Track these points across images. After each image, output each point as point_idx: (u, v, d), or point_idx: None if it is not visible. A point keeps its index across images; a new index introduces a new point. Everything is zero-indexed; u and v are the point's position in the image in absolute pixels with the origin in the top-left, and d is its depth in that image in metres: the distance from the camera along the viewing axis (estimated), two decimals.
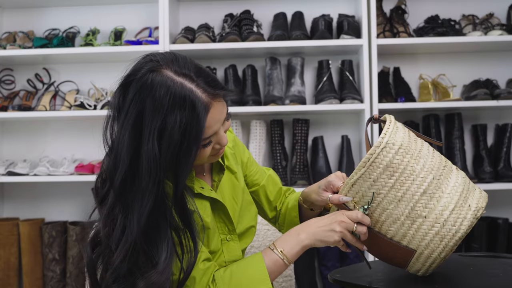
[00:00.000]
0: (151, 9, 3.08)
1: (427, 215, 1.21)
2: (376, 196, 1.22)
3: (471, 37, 2.81)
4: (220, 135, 1.20)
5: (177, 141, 1.09)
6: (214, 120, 1.15)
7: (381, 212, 1.23)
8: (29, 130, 3.15)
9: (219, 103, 1.16)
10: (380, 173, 1.20)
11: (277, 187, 1.52)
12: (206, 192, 1.29)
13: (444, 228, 1.20)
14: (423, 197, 1.21)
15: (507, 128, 2.87)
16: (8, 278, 2.95)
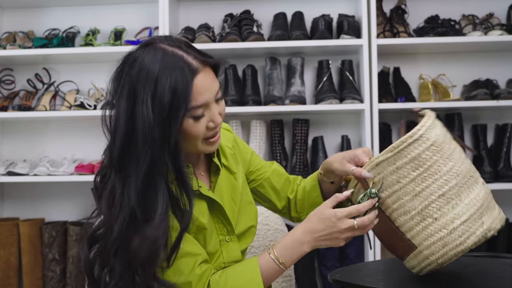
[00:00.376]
0: (151, 9, 3.08)
1: (438, 218, 1.20)
2: (395, 183, 1.21)
3: (471, 37, 2.81)
4: (212, 111, 1.20)
5: (167, 102, 1.13)
6: (203, 86, 1.17)
7: (395, 200, 1.22)
8: (29, 130, 3.15)
9: (209, 72, 1.20)
10: (405, 162, 1.19)
11: (283, 176, 1.51)
12: (204, 191, 1.28)
13: (450, 235, 1.19)
14: (440, 199, 1.19)
15: (507, 128, 2.87)
16: (8, 278, 2.95)
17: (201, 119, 1.19)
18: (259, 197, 1.52)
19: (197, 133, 1.19)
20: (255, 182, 1.49)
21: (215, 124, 1.21)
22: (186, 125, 1.18)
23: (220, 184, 1.34)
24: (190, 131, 1.19)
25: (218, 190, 1.33)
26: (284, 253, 1.23)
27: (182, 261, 1.19)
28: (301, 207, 1.50)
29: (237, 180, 1.39)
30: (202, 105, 1.18)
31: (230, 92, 2.90)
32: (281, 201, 1.50)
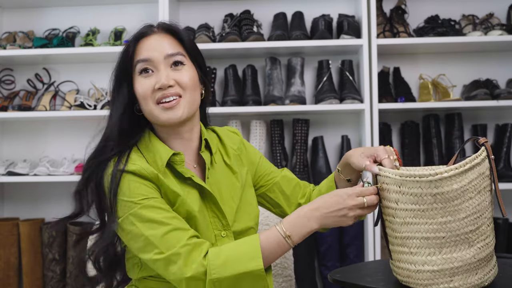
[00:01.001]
0: (151, 9, 3.08)
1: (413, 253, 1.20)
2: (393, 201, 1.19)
3: (471, 37, 2.81)
4: (161, 72, 1.29)
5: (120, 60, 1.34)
6: (151, 44, 1.31)
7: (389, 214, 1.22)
8: (29, 130, 3.15)
9: (166, 37, 1.33)
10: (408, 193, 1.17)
11: (293, 181, 1.51)
12: (196, 179, 1.30)
13: (415, 273, 1.20)
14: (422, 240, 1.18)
15: (507, 128, 2.87)
16: (8, 278, 2.95)
17: (148, 76, 1.30)
18: (268, 202, 1.51)
19: (144, 90, 1.29)
20: (265, 187, 1.49)
21: (160, 84, 1.27)
22: (135, 81, 1.31)
23: (217, 180, 1.35)
24: (137, 88, 1.30)
25: (215, 184, 1.34)
26: (291, 227, 1.21)
27: (172, 234, 1.19)
28: None
29: (239, 180, 1.39)
30: (145, 60, 1.30)
31: (230, 92, 2.90)
32: (290, 206, 1.49)
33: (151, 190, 1.24)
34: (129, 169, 1.23)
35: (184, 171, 1.29)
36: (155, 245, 1.19)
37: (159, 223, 1.20)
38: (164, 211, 1.22)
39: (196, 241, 1.21)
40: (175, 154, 1.29)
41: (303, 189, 1.52)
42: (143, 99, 1.30)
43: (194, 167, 1.35)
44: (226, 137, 1.45)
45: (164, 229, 1.19)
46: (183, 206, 1.26)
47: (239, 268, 1.17)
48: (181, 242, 1.19)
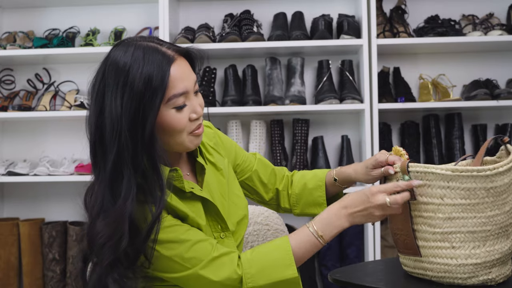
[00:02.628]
0: (151, 9, 3.08)
1: (456, 248, 1.21)
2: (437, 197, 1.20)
3: (471, 37, 2.81)
4: (193, 101, 1.21)
5: (140, 91, 1.11)
6: (183, 72, 1.18)
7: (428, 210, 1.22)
8: (29, 130, 3.15)
9: (185, 62, 1.21)
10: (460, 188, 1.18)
11: (269, 169, 1.52)
12: (197, 191, 1.27)
13: (456, 268, 1.21)
14: (468, 234, 1.20)
15: (507, 128, 2.87)
16: (8, 278, 2.95)
17: (183, 109, 1.18)
18: (246, 189, 1.52)
19: (181, 124, 1.18)
20: (242, 176, 1.50)
21: (197, 115, 1.22)
22: (168, 117, 1.17)
23: (208, 182, 1.34)
24: (173, 124, 1.18)
25: (208, 188, 1.33)
26: (323, 227, 1.22)
27: (195, 248, 1.18)
28: (296, 202, 1.51)
29: (224, 176, 1.38)
30: (183, 93, 1.18)
31: (230, 92, 2.90)
32: (268, 193, 1.52)
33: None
34: None
35: (184, 186, 1.25)
36: (180, 264, 1.18)
37: (177, 242, 1.18)
38: (178, 227, 1.20)
39: (223, 251, 1.20)
40: (172, 170, 1.24)
41: (279, 174, 1.53)
42: (177, 133, 1.19)
43: (188, 175, 1.34)
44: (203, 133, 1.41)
45: (185, 246, 1.18)
46: (192, 223, 1.24)
47: (274, 276, 1.19)
48: (207, 255, 1.18)
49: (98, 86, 1.16)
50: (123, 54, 1.15)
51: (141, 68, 1.13)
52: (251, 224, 1.77)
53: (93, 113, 1.16)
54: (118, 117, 1.12)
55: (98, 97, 1.16)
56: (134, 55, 1.14)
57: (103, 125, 1.14)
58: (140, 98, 1.12)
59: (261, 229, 1.76)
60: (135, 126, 1.12)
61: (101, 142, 1.15)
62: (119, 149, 1.12)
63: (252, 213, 1.78)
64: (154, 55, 1.15)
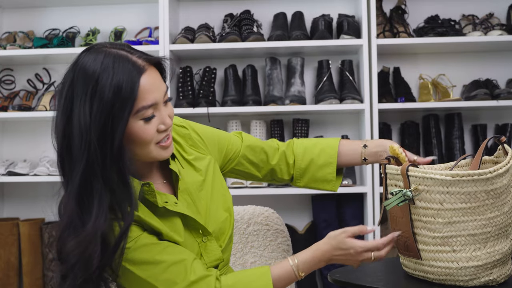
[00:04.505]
0: (151, 9, 3.08)
1: (457, 251, 1.20)
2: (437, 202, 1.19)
3: (471, 37, 2.81)
4: (162, 113, 1.17)
5: (109, 101, 1.08)
6: (153, 84, 1.14)
7: (427, 215, 1.21)
8: (29, 130, 3.15)
9: (156, 72, 1.17)
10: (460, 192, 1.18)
11: (257, 148, 1.49)
12: (171, 206, 1.23)
13: (458, 271, 1.21)
14: (468, 237, 1.20)
15: (507, 128, 2.87)
16: (8, 278, 2.95)
17: (151, 120, 1.15)
18: (239, 174, 1.51)
19: (148, 136, 1.15)
20: (232, 162, 1.47)
21: (166, 126, 1.18)
22: (136, 128, 1.13)
23: (187, 186, 1.30)
24: (140, 135, 1.14)
25: (186, 193, 1.29)
26: (305, 268, 1.26)
27: (170, 270, 1.17)
28: (301, 176, 1.51)
29: (205, 176, 1.34)
30: (152, 105, 1.14)
31: (230, 92, 2.90)
32: (260, 171, 1.50)
33: (135, 228, 1.18)
34: None
35: (157, 201, 1.21)
36: (155, 286, 1.16)
37: (152, 263, 1.16)
38: (154, 246, 1.18)
39: (200, 274, 1.19)
40: (144, 184, 1.21)
41: (269, 150, 1.50)
42: (144, 144, 1.15)
43: (164, 183, 1.30)
44: (175, 132, 1.36)
45: (160, 268, 1.16)
46: (170, 238, 1.22)
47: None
48: (183, 279, 1.17)
49: (66, 93, 1.12)
50: (93, 61, 1.11)
51: (111, 77, 1.09)
52: (251, 224, 1.77)
53: (60, 121, 1.12)
54: (87, 127, 1.08)
55: (66, 104, 1.11)
56: (104, 63, 1.10)
57: (71, 134, 1.10)
58: (109, 109, 1.08)
59: (261, 229, 1.76)
60: (104, 137, 1.09)
61: (68, 152, 1.11)
62: (88, 161, 1.08)
63: (252, 213, 1.78)
64: (124, 64, 1.11)
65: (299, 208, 3.03)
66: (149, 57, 1.17)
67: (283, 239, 1.79)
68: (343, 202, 2.86)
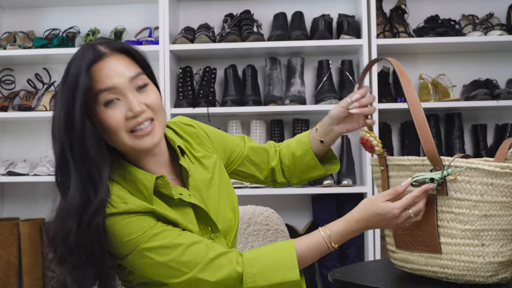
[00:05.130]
0: (151, 9, 3.08)
1: (485, 245, 1.18)
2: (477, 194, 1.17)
3: (471, 37, 2.81)
4: (129, 99, 1.17)
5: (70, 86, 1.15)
6: (108, 69, 1.17)
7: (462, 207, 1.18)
8: (29, 130, 3.15)
9: (123, 59, 1.20)
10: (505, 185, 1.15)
11: (260, 149, 1.52)
12: (186, 197, 1.26)
13: (482, 265, 1.19)
14: (499, 231, 1.18)
15: (507, 128, 2.87)
16: (8, 278, 2.95)
17: (115, 106, 1.17)
18: (241, 175, 1.52)
19: (113, 122, 1.17)
20: (235, 163, 1.49)
21: (133, 113, 1.17)
22: (101, 114, 1.17)
23: (197, 183, 1.32)
24: (105, 120, 1.17)
25: (196, 190, 1.31)
26: (338, 238, 1.22)
27: (190, 251, 1.18)
28: (291, 173, 1.52)
29: (213, 173, 1.36)
30: (111, 89, 1.16)
31: (230, 92, 2.90)
32: (262, 172, 1.51)
33: (149, 219, 1.19)
34: (123, 209, 1.17)
35: (173, 193, 1.24)
36: (177, 269, 1.17)
37: (171, 247, 1.18)
38: (169, 232, 1.19)
39: (219, 251, 1.19)
40: (158, 178, 1.23)
41: (270, 151, 1.53)
42: (114, 132, 1.17)
43: (174, 180, 1.32)
44: (183, 131, 1.39)
45: (179, 250, 1.18)
46: (186, 228, 1.24)
47: (276, 278, 1.18)
48: (203, 257, 1.18)
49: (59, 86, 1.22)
50: (71, 57, 1.20)
51: (74, 64, 1.17)
52: (251, 224, 1.77)
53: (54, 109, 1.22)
54: (59, 110, 1.17)
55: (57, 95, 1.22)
56: (75, 55, 1.19)
57: (53, 118, 1.19)
58: (70, 92, 1.15)
59: (261, 229, 1.76)
60: (69, 119, 1.15)
61: (52, 133, 1.20)
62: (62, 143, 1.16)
63: (252, 213, 1.78)
64: (86, 52, 1.17)
65: (299, 208, 3.03)
66: (116, 45, 1.21)
67: (283, 239, 1.79)
68: (343, 202, 2.86)
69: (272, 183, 1.55)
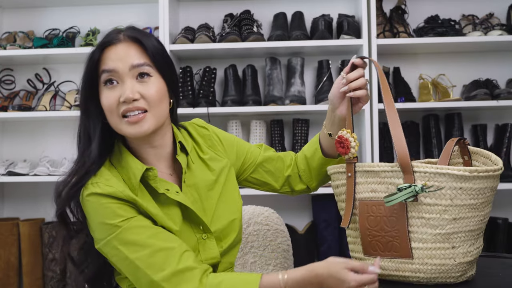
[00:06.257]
0: (151, 9, 3.09)
1: (456, 247, 1.20)
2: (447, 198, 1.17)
3: (471, 37, 2.81)
4: (126, 85, 1.23)
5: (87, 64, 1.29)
6: (115, 53, 1.25)
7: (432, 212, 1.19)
8: (29, 130, 3.15)
9: (132, 46, 1.26)
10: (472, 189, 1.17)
11: (274, 156, 1.51)
12: (171, 194, 1.26)
13: (453, 267, 1.20)
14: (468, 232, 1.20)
15: (507, 128, 2.87)
16: (8, 278, 2.95)
17: (113, 88, 1.24)
18: (255, 183, 1.51)
19: (107, 102, 1.24)
20: (249, 170, 1.49)
21: (123, 99, 1.22)
22: (102, 93, 1.26)
23: (195, 181, 1.33)
24: (103, 100, 1.25)
25: (193, 188, 1.32)
26: (293, 285, 1.18)
27: (158, 255, 1.17)
28: (308, 176, 1.49)
29: (216, 175, 1.37)
30: (110, 71, 1.24)
31: (230, 92, 2.90)
32: (277, 181, 1.50)
33: (130, 209, 1.21)
34: (106, 191, 1.19)
35: (158, 186, 1.25)
36: (141, 269, 1.17)
37: (142, 245, 1.18)
38: (146, 229, 1.20)
39: (187, 265, 1.18)
40: (148, 169, 1.25)
41: (286, 160, 1.52)
42: (108, 112, 1.25)
43: (170, 175, 1.33)
44: (196, 132, 1.42)
45: (148, 251, 1.17)
46: (164, 224, 1.24)
47: None
48: (169, 265, 1.17)
49: None
50: None
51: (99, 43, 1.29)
52: (251, 224, 1.77)
53: None
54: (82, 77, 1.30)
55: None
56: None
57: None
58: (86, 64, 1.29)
59: (261, 229, 1.76)
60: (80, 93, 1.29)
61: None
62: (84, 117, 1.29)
63: (252, 213, 1.78)
64: (109, 35, 1.28)
65: (299, 208, 3.03)
66: (130, 33, 1.28)
67: (283, 239, 1.79)
68: None
69: (290, 192, 1.53)
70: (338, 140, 1.31)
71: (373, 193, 1.26)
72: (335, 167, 1.34)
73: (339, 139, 1.30)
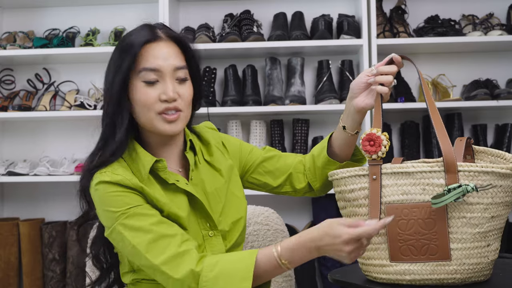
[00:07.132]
0: (151, 9, 3.08)
1: (490, 245, 1.21)
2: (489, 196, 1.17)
3: (471, 37, 2.81)
4: (167, 84, 1.25)
5: (119, 54, 1.26)
6: (160, 51, 1.25)
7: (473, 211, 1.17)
8: (29, 130, 3.15)
9: (173, 47, 1.28)
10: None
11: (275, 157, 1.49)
12: (181, 184, 1.29)
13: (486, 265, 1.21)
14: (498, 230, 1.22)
15: (507, 128, 2.87)
16: (8, 278, 2.95)
17: (152, 85, 1.25)
18: (255, 184, 1.50)
19: (147, 99, 1.24)
20: (249, 171, 1.49)
21: (167, 97, 1.24)
22: (138, 88, 1.25)
23: (201, 180, 1.35)
24: (140, 96, 1.25)
25: (200, 185, 1.34)
26: (288, 254, 1.17)
27: (159, 242, 1.19)
28: (313, 175, 1.45)
29: (223, 176, 1.39)
30: (154, 70, 1.24)
31: (230, 92, 2.90)
32: (276, 179, 1.48)
33: (137, 198, 1.23)
34: (113, 180, 1.22)
35: (168, 177, 1.28)
36: (142, 254, 1.19)
37: (144, 231, 1.20)
38: (150, 217, 1.22)
39: (186, 248, 1.20)
40: (157, 161, 1.28)
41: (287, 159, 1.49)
42: (144, 107, 1.25)
43: (179, 171, 1.35)
44: (206, 134, 1.43)
45: (149, 236, 1.19)
46: (170, 212, 1.26)
47: (228, 286, 1.16)
48: (169, 250, 1.19)
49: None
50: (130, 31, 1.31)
51: (131, 37, 1.26)
52: (251, 224, 1.77)
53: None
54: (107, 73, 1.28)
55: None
56: (133, 30, 1.29)
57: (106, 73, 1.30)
58: (121, 54, 1.25)
59: (261, 229, 1.76)
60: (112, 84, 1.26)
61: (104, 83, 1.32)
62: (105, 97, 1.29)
63: (252, 213, 1.78)
64: (143, 30, 1.27)
65: (299, 208, 3.03)
66: (169, 32, 1.29)
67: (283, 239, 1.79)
68: None
69: (293, 192, 1.50)
70: (367, 137, 1.24)
71: (405, 196, 1.20)
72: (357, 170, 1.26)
73: (369, 136, 1.23)
